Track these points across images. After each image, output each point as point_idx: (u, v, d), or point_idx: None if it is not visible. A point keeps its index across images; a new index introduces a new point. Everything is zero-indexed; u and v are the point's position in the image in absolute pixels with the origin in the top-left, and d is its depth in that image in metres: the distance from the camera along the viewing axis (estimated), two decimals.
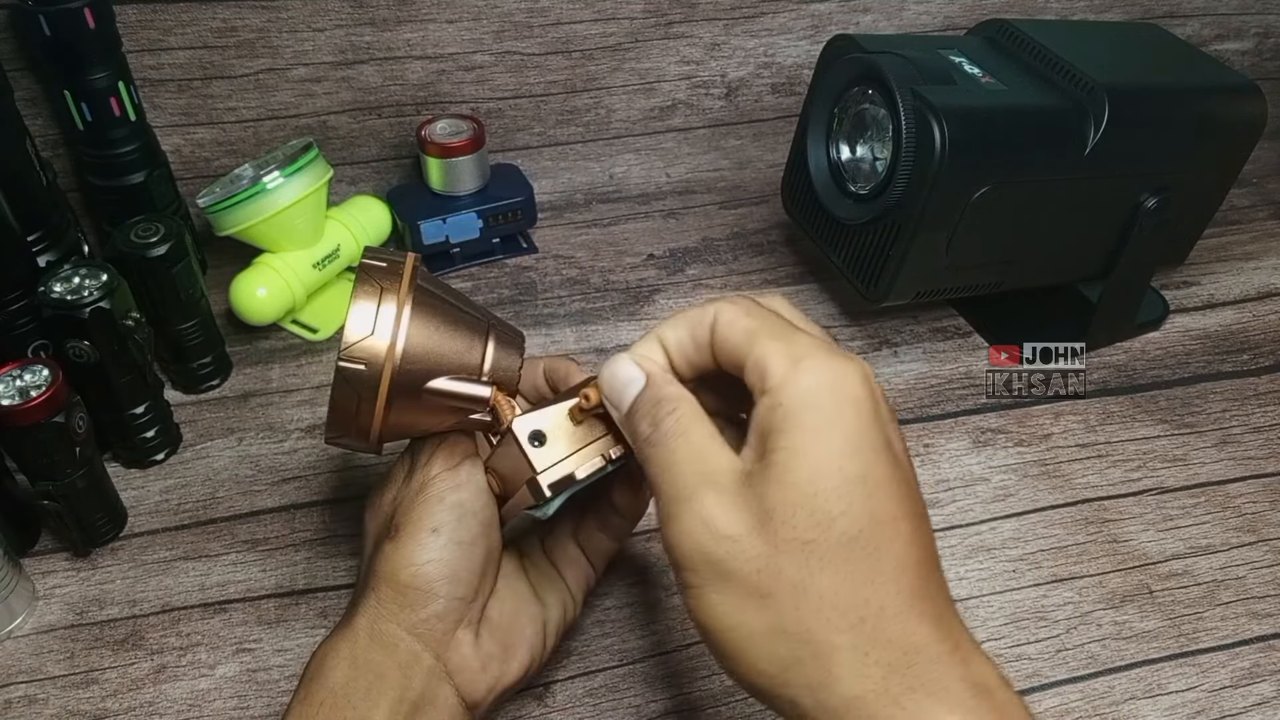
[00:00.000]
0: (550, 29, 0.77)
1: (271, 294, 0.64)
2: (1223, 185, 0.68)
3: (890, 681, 0.28)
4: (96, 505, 0.52)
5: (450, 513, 0.39)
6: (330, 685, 0.37)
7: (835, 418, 0.30)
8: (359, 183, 0.79)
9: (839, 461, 0.29)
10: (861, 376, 0.31)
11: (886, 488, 0.30)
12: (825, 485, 0.29)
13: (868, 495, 0.29)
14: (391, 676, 0.37)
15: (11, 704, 0.46)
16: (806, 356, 0.31)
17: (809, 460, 0.29)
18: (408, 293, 0.37)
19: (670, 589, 0.51)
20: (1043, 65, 0.61)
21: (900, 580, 0.29)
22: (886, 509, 0.30)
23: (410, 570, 0.38)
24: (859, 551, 0.29)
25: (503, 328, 0.40)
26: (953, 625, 0.30)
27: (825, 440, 0.30)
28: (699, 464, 0.31)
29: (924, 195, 0.55)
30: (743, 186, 0.84)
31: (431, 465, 0.40)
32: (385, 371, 0.36)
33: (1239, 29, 0.94)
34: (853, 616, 0.29)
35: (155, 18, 0.68)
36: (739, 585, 0.30)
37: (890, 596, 0.29)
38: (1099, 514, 0.56)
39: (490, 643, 0.40)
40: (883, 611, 0.29)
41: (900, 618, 0.29)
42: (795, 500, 0.29)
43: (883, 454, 0.30)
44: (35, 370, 0.48)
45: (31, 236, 0.55)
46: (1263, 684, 0.48)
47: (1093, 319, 0.65)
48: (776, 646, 0.29)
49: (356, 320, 0.36)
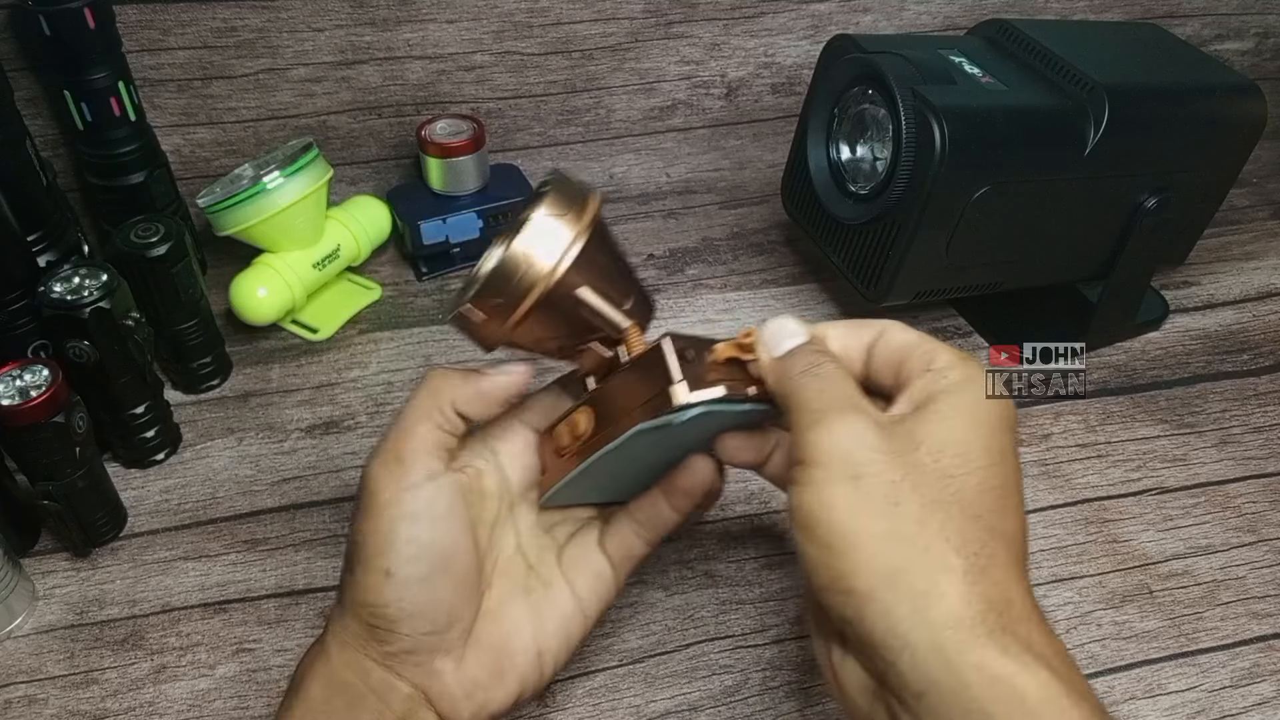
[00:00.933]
0: (550, 29, 0.77)
1: (271, 294, 0.64)
2: (1223, 185, 0.68)
3: (989, 616, 0.29)
4: (96, 505, 0.52)
5: (403, 550, 0.36)
6: (309, 702, 0.36)
7: (989, 406, 0.33)
8: (359, 183, 0.79)
9: (986, 434, 0.33)
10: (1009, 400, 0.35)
11: (1013, 478, 0.33)
12: (975, 442, 0.32)
13: (1003, 469, 0.32)
14: (367, 700, 0.36)
15: (11, 704, 0.46)
16: (973, 360, 0.35)
17: (966, 416, 0.33)
18: (594, 217, 0.38)
19: (670, 589, 0.51)
20: (1043, 65, 0.61)
21: (1012, 547, 0.32)
22: (1013, 487, 0.33)
23: (368, 611, 0.36)
24: (989, 502, 0.31)
25: (645, 292, 0.42)
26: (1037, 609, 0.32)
27: (980, 414, 0.33)
28: (854, 397, 0.34)
29: (924, 195, 0.55)
30: (743, 186, 0.84)
31: (380, 488, 0.36)
32: (572, 244, 0.37)
33: (1239, 29, 0.94)
34: (970, 550, 0.30)
35: (155, 18, 0.68)
36: (870, 488, 0.31)
37: (1001, 553, 0.31)
38: (1099, 514, 0.56)
39: (476, 668, 0.38)
40: (994, 559, 0.31)
41: (1006, 570, 0.31)
42: (948, 439, 0.32)
43: (1011, 452, 0.33)
44: (35, 370, 0.48)
45: (31, 236, 0.55)
46: (1263, 684, 0.48)
47: (1093, 319, 0.65)
48: (891, 550, 0.30)
49: (545, 217, 0.37)
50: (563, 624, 0.40)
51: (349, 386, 0.63)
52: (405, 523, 0.36)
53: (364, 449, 0.59)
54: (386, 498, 0.36)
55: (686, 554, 0.53)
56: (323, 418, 0.61)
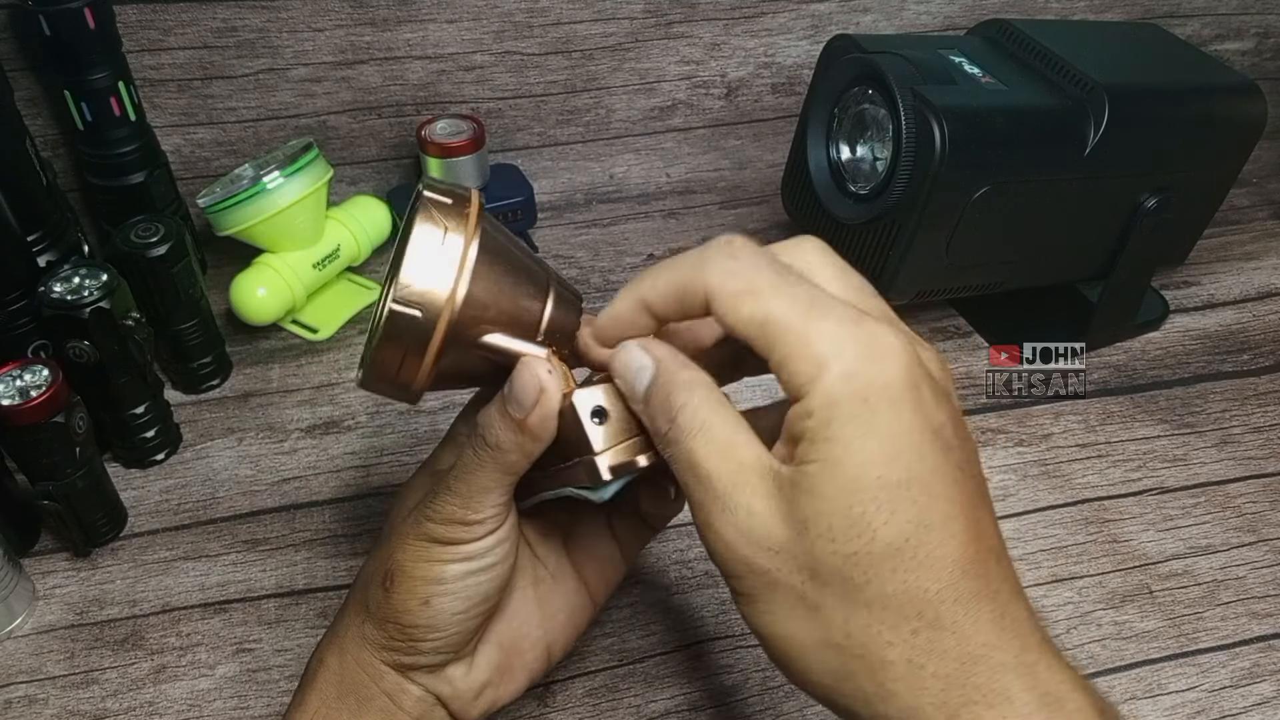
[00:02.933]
0: (550, 29, 0.77)
1: (271, 294, 0.64)
2: (1223, 185, 0.68)
3: (949, 694, 0.26)
4: (96, 505, 0.52)
5: (449, 586, 0.35)
6: (322, 696, 0.36)
7: (870, 424, 0.27)
8: (359, 183, 0.79)
9: (877, 470, 0.27)
10: (899, 363, 0.28)
11: (935, 486, 0.27)
12: (864, 496, 0.27)
13: (912, 500, 0.27)
14: (378, 700, 0.36)
15: (11, 704, 0.46)
16: (832, 356, 0.27)
17: (844, 471, 0.27)
18: (474, 234, 0.33)
19: (670, 589, 0.51)
20: (1043, 65, 0.61)
21: (956, 584, 0.27)
22: (936, 509, 0.27)
23: (398, 629, 0.35)
24: (907, 560, 0.27)
25: (563, 285, 0.36)
26: (1019, 625, 0.28)
27: (860, 449, 0.27)
28: (724, 463, 0.29)
29: (924, 195, 0.55)
30: (743, 186, 0.84)
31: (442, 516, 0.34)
32: (442, 321, 0.32)
33: (1239, 29, 0.94)
34: (904, 629, 0.27)
35: (155, 18, 0.68)
36: (786, 595, 0.28)
37: (945, 604, 0.27)
38: (1099, 514, 0.56)
39: (486, 669, 0.38)
40: (937, 621, 0.27)
41: (956, 626, 0.27)
42: (832, 513, 0.27)
43: (929, 449, 0.27)
44: (35, 370, 0.48)
45: (31, 236, 0.55)
46: (1263, 684, 0.48)
47: (1093, 319, 0.65)
48: (829, 659, 0.28)
49: (415, 260, 0.32)
50: (571, 615, 0.40)
51: (349, 386, 0.63)
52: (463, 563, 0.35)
53: (364, 449, 0.59)
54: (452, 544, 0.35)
55: (686, 554, 0.53)
56: (323, 418, 0.61)
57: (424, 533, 0.35)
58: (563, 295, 0.36)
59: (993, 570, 0.28)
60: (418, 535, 0.35)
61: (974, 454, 0.29)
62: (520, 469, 0.34)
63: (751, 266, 0.30)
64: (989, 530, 0.28)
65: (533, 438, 0.33)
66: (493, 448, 0.33)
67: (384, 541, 0.38)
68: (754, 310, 0.29)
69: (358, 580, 0.39)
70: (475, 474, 0.34)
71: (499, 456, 0.33)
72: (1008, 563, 0.29)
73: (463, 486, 0.34)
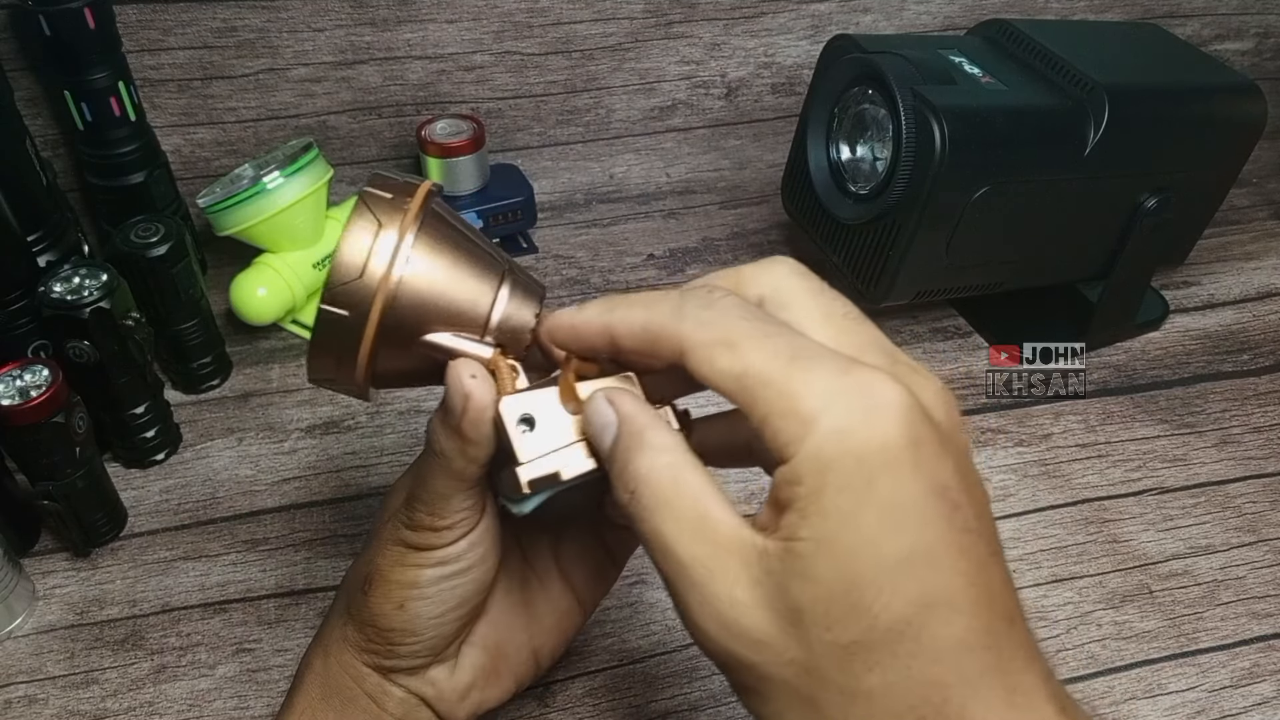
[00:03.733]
0: (550, 29, 0.77)
1: (271, 294, 0.64)
2: (1223, 185, 0.68)
3: None
4: (96, 505, 0.52)
5: (423, 590, 0.34)
6: (308, 697, 0.37)
7: (866, 491, 0.24)
8: (359, 183, 0.78)
9: (875, 545, 0.24)
10: (895, 416, 0.25)
11: (940, 557, 0.25)
12: (861, 578, 0.24)
13: (916, 578, 0.24)
14: (361, 702, 0.36)
15: (11, 704, 0.46)
16: (821, 412, 0.25)
17: (840, 551, 0.24)
18: (413, 223, 0.32)
19: None
20: (1043, 65, 0.61)
21: (963, 663, 0.25)
22: (941, 583, 0.25)
23: (375, 632, 0.35)
24: (909, 644, 0.24)
25: (521, 275, 0.34)
26: (1032, 698, 0.25)
27: (857, 525, 0.24)
28: (697, 546, 0.26)
29: (924, 195, 0.55)
30: (743, 186, 0.84)
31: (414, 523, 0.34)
32: (371, 320, 0.31)
33: (1239, 29, 0.94)
34: (910, 718, 0.25)
35: (155, 18, 0.68)
36: (780, 689, 0.26)
37: (952, 687, 0.24)
38: (1099, 514, 0.56)
39: (471, 671, 0.37)
40: (946, 704, 0.24)
41: (963, 711, 0.25)
42: (827, 598, 0.24)
43: (933, 514, 0.25)
44: (35, 370, 0.48)
45: (31, 236, 0.55)
46: (1263, 684, 0.48)
47: (1093, 319, 0.65)
48: None
49: (346, 256, 0.31)
50: (558, 621, 0.40)
51: None
52: (436, 570, 0.34)
53: (364, 449, 0.59)
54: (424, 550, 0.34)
55: None
56: (323, 418, 0.61)
57: (399, 538, 0.34)
58: (520, 286, 0.34)
59: (1003, 640, 0.25)
60: (394, 540, 0.35)
61: (984, 506, 0.27)
62: (470, 474, 0.32)
63: (727, 315, 0.27)
64: (1000, 593, 0.26)
65: (470, 443, 0.31)
66: (439, 455, 0.32)
67: (367, 545, 0.38)
68: (730, 364, 0.26)
69: (343, 584, 0.39)
70: (431, 481, 0.33)
71: (444, 463, 0.32)
72: (1021, 625, 0.26)
73: (425, 494, 0.33)
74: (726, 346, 0.27)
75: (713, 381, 0.27)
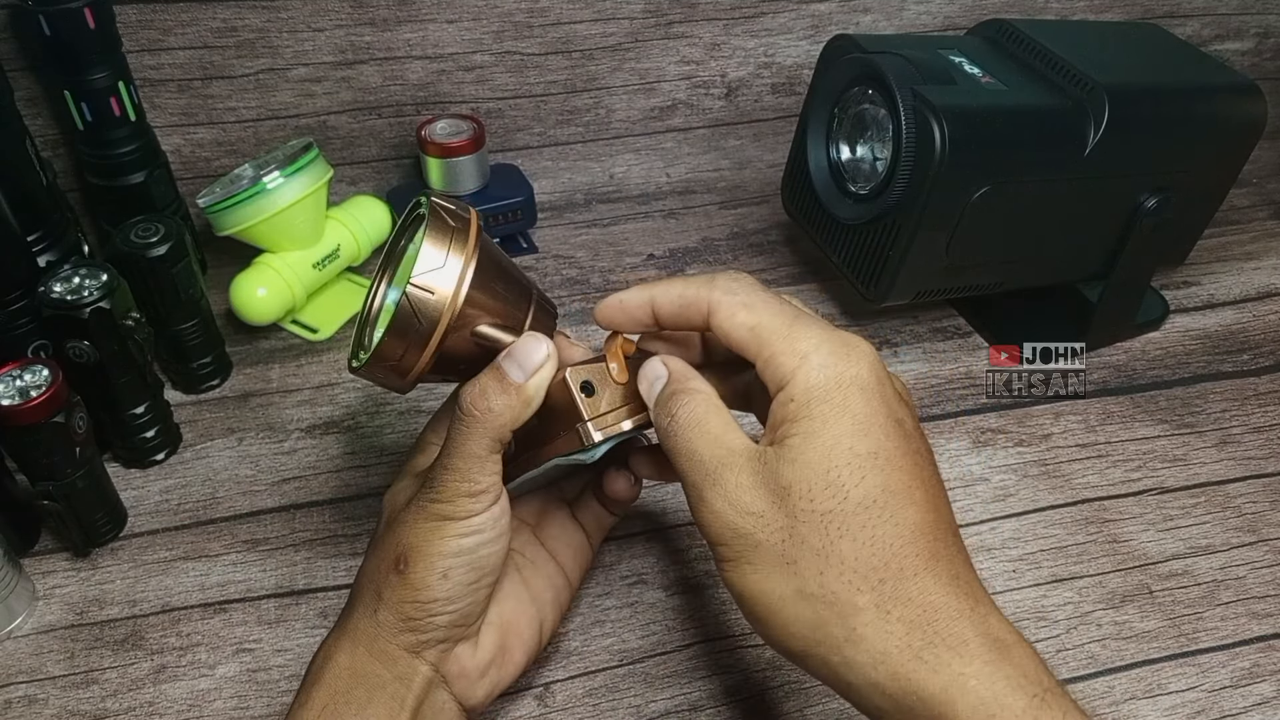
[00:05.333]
0: (550, 29, 0.77)
1: (271, 294, 0.64)
2: (1223, 185, 0.68)
3: (912, 637, 0.30)
4: (96, 505, 0.52)
5: (463, 558, 0.37)
6: (330, 690, 0.37)
7: (843, 405, 0.32)
8: (359, 183, 0.79)
9: (849, 441, 0.32)
10: (868, 362, 0.33)
11: (898, 460, 0.32)
12: (838, 462, 0.32)
13: (879, 469, 0.32)
14: (390, 687, 0.37)
15: (11, 704, 0.46)
16: (813, 351, 0.33)
17: (821, 441, 0.32)
18: (476, 240, 0.38)
19: (670, 589, 0.51)
20: (1043, 65, 0.61)
21: (917, 543, 0.31)
22: (899, 479, 0.32)
23: (415, 607, 0.37)
24: (875, 517, 0.31)
25: (543, 298, 0.42)
26: (970, 585, 0.32)
27: (835, 424, 0.32)
28: (716, 449, 0.34)
29: (924, 195, 0.55)
30: (743, 186, 0.84)
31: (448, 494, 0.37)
32: (450, 302, 0.37)
33: (1239, 29, 0.94)
34: (873, 578, 0.31)
35: (155, 18, 0.68)
36: (767, 554, 0.32)
37: (908, 558, 0.31)
38: (1099, 514, 0.56)
39: (489, 648, 0.40)
40: (901, 572, 0.31)
41: (918, 578, 0.31)
42: (810, 476, 0.32)
43: (892, 431, 0.33)
44: (35, 370, 0.48)
45: (31, 236, 0.55)
46: (1263, 684, 0.48)
47: (1093, 319, 0.65)
48: (804, 609, 0.32)
49: (430, 252, 0.37)
50: (555, 594, 0.44)
51: (349, 386, 0.63)
52: (473, 534, 0.37)
53: (364, 449, 0.59)
54: (461, 519, 0.37)
55: (686, 554, 0.53)
56: (323, 418, 0.61)
57: (433, 513, 0.37)
58: (543, 305, 0.41)
59: (948, 538, 0.33)
60: (427, 517, 0.37)
61: (930, 452, 0.35)
62: (506, 435, 0.37)
63: (749, 288, 0.36)
64: (944, 507, 0.33)
65: (524, 402, 0.37)
66: (483, 413, 0.37)
67: (381, 539, 0.40)
68: (747, 318, 0.35)
69: (360, 579, 0.40)
70: (466, 443, 0.37)
71: (490, 419, 0.37)
72: (959, 538, 0.33)
73: (458, 461, 0.37)
74: (746, 307, 0.35)
75: (731, 332, 0.35)
